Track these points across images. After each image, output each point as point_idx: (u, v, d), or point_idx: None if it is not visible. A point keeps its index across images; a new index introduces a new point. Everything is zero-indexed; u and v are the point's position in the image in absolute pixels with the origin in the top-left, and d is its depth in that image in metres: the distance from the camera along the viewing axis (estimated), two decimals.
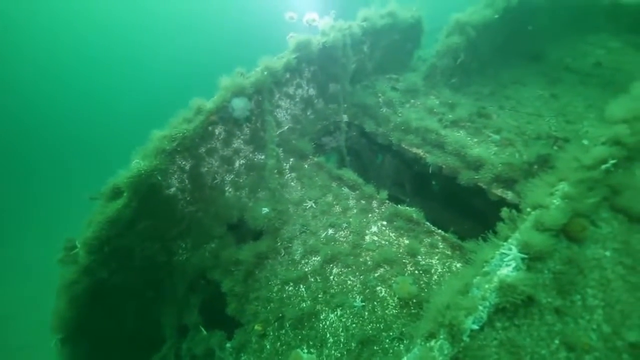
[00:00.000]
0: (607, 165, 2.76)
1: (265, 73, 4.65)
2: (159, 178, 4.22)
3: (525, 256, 2.32)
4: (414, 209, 4.51)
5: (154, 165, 4.05)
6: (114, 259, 4.32)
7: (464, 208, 6.08)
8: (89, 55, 36.71)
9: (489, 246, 2.69)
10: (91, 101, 35.90)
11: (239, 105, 4.41)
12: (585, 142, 3.40)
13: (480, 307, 2.11)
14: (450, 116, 5.48)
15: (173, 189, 4.67)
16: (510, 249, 2.39)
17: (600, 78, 7.10)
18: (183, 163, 4.64)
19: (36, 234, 20.00)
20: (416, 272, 4.00)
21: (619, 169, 2.83)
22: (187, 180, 4.76)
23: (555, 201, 2.64)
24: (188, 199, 4.85)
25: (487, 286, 2.21)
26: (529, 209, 2.75)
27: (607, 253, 2.49)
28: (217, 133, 4.80)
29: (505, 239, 2.60)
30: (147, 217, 4.49)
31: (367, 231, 4.46)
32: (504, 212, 3.02)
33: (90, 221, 3.98)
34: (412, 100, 5.95)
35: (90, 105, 35.55)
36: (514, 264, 2.30)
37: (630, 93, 3.77)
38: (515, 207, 3.47)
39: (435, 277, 3.93)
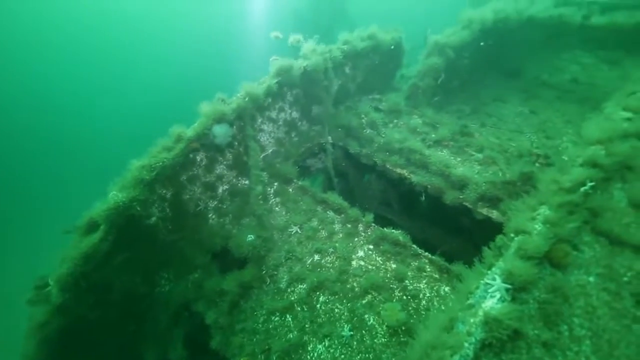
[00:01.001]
0: (586, 187, 2.77)
1: (247, 99, 4.62)
2: (138, 209, 4.09)
3: (510, 286, 2.27)
4: (400, 231, 4.46)
5: (132, 197, 3.93)
6: (91, 295, 4.13)
7: (452, 226, 6.07)
8: (69, 64, 36.43)
9: (474, 274, 2.65)
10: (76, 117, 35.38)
11: (220, 132, 4.35)
12: (566, 157, 3.46)
13: (466, 344, 2.04)
14: (433, 136, 5.53)
15: (154, 219, 4.54)
16: (494, 279, 2.34)
17: (576, 94, 7.31)
18: (164, 192, 4.53)
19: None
20: (404, 297, 3.92)
21: (598, 190, 2.85)
22: (168, 209, 4.64)
23: (537, 226, 2.63)
24: (170, 227, 4.72)
25: (472, 320, 2.15)
26: (512, 235, 2.73)
27: (591, 279, 2.46)
28: (198, 160, 4.72)
29: (490, 267, 2.56)
30: (127, 249, 4.33)
31: (353, 256, 4.38)
32: (499, 239, 2.97)
33: (65, 257, 3.80)
34: (395, 121, 5.99)
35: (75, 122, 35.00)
36: (498, 295, 2.25)
37: (603, 112, 3.87)
38: (501, 225, 3.45)
39: (424, 302, 3.86)
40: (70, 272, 3.72)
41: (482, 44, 6.70)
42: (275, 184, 5.34)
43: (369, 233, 4.60)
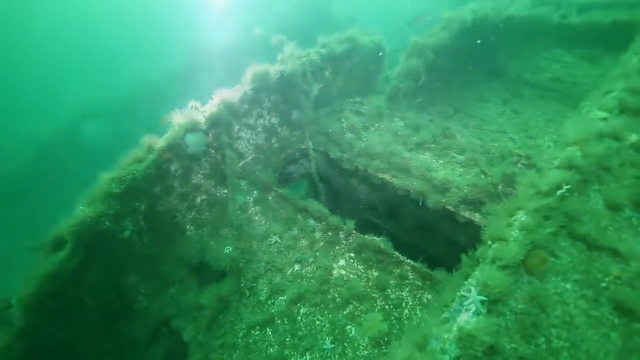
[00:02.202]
0: (562, 190, 2.70)
1: (221, 106, 4.49)
2: (108, 224, 3.91)
3: (485, 298, 2.18)
4: (381, 238, 4.36)
5: (100, 212, 3.76)
6: (61, 314, 3.93)
7: (437, 229, 5.99)
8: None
9: (451, 285, 2.56)
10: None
11: (194, 141, 4.21)
12: (547, 158, 3.40)
13: None
14: (414, 138, 5.46)
15: (127, 232, 4.35)
16: (469, 291, 2.25)
17: (557, 92, 7.34)
18: (137, 204, 4.36)
19: None
20: (386, 307, 3.81)
21: (574, 193, 2.79)
22: (142, 222, 4.46)
23: (514, 233, 2.55)
24: (145, 241, 4.54)
25: (446, 336, 2.05)
26: (489, 242, 2.64)
27: (569, 285, 2.39)
28: (173, 170, 4.56)
29: (467, 277, 2.47)
30: (98, 265, 4.14)
31: (334, 265, 4.26)
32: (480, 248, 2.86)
33: (29, 276, 3.61)
34: (377, 124, 5.91)
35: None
36: (473, 308, 2.16)
37: (580, 112, 3.83)
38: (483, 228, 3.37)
39: (407, 311, 3.76)
40: (35, 292, 3.53)
41: (478, 41, 6.65)
42: (255, 192, 5.20)
43: (350, 241, 4.49)
